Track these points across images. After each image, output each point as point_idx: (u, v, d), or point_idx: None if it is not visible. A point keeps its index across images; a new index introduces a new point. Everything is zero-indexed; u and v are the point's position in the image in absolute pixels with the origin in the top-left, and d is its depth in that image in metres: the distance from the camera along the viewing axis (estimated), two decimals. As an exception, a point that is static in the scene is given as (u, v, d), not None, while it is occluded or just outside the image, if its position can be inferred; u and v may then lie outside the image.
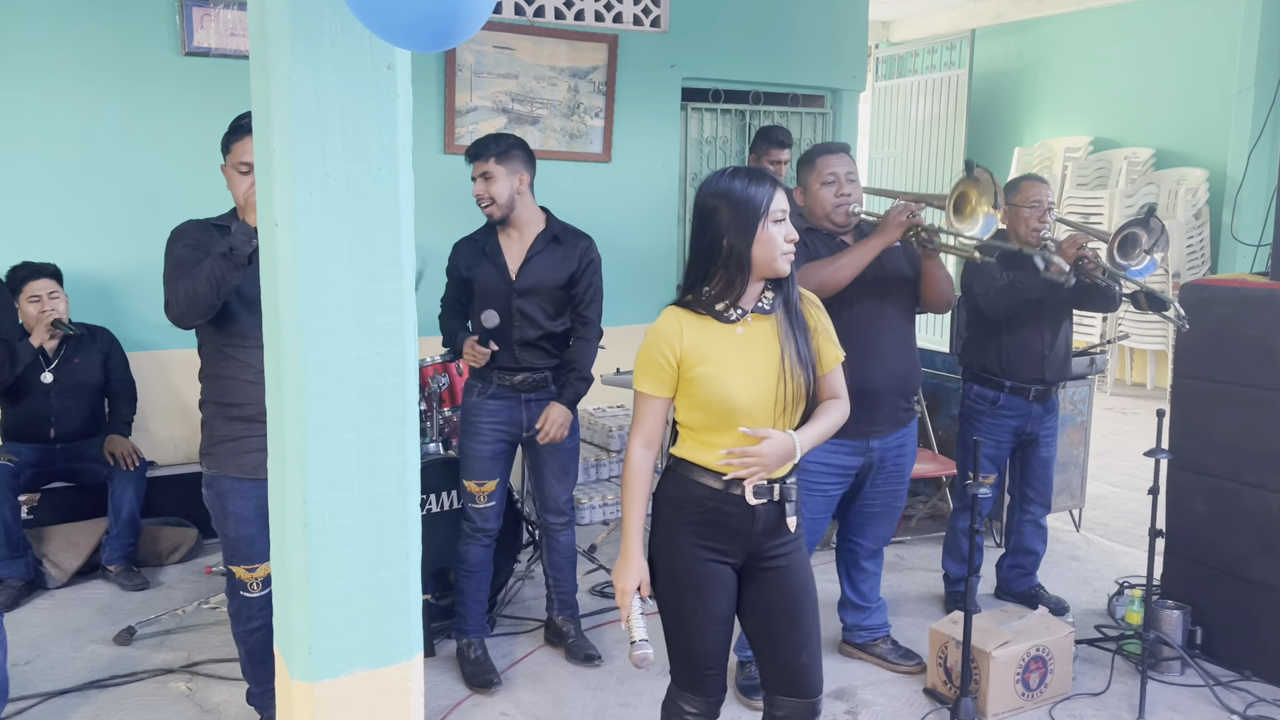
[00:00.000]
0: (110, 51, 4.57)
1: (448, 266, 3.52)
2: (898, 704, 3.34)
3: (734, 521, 2.22)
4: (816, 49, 6.29)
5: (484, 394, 3.44)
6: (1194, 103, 7.95)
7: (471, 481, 3.45)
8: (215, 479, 2.70)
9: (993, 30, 9.36)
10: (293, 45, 1.61)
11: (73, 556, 4.23)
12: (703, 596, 2.24)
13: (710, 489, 2.21)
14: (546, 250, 3.41)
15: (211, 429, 2.70)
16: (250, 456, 2.64)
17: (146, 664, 3.54)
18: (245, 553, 2.72)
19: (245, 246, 2.46)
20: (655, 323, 2.26)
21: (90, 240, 4.57)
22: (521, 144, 3.39)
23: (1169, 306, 3.34)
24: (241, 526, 2.69)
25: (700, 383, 2.18)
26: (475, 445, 3.44)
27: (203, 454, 2.72)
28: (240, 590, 2.75)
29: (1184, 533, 3.67)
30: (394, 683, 1.81)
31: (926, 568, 4.49)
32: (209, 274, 2.48)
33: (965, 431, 3.93)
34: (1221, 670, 3.49)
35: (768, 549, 2.26)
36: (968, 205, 3.18)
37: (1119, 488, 5.71)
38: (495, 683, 3.39)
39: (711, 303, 2.22)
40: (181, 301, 2.53)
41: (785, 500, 2.24)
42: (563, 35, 5.47)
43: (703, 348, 2.20)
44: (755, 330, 2.24)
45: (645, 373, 2.24)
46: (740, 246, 2.18)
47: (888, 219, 3.13)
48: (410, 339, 1.79)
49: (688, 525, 2.24)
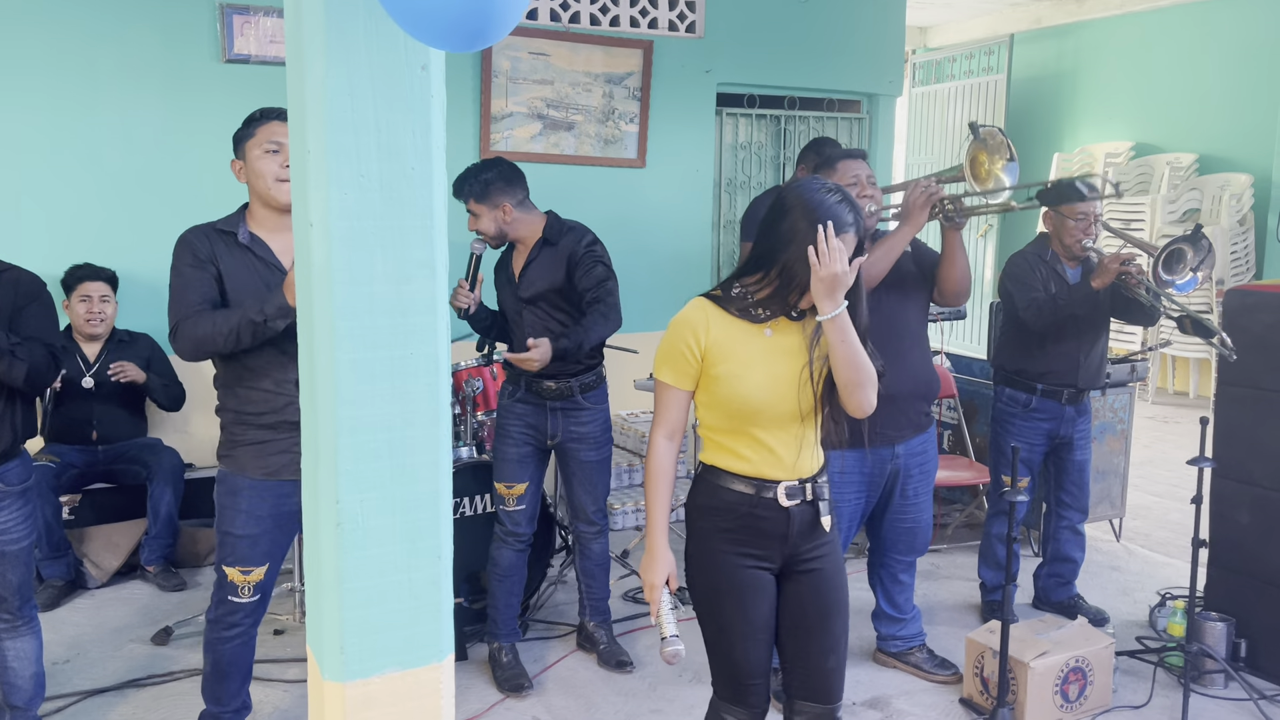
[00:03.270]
0: (153, 58, 4.64)
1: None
2: (933, 714, 3.30)
3: (769, 525, 2.19)
4: (853, 54, 6.26)
5: (513, 396, 3.47)
6: (1238, 107, 7.82)
7: (501, 483, 3.47)
8: (231, 476, 2.65)
9: (1031, 35, 9.27)
10: (327, 46, 1.62)
11: (112, 557, 4.29)
12: (742, 604, 2.21)
13: (742, 494, 2.19)
14: (541, 255, 3.41)
15: (231, 434, 2.67)
16: (273, 459, 2.62)
17: (183, 664, 3.57)
18: (245, 553, 2.64)
19: (278, 321, 2.47)
20: (682, 311, 2.21)
21: (132, 244, 4.64)
22: (496, 173, 3.34)
23: (1215, 334, 3.28)
24: (250, 525, 2.63)
25: (722, 382, 2.15)
26: (504, 447, 3.47)
27: (221, 455, 2.69)
28: (229, 594, 2.67)
29: (1227, 543, 3.59)
30: (425, 684, 1.80)
31: (962, 576, 4.44)
32: (231, 331, 2.48)
33: (998, 435, 3.89)
34: (1266, 684, 3.42)
35: (804, 551, 2.23)
36: (982, 169, 3.17)
37: (1160, 497, 5.61)
38: (526, 686, 3.39)
39: (746, 302, 2.18)
40: (192, 342, 2.53)
41: (819, 499, 2.21)
42: (598, 41, 5.49)
43: (728, 345, 2.16)
44: (783, 335, 2.20)
45: (667, 361, 2.21)
46: (785, 252, 2.12)
47: (909, 205, 3.11)
48: (443, 340, 1.78)
49: (723, 533, 2.21)
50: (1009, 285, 3.75)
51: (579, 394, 3.45)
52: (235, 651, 2.74)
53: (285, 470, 2.62)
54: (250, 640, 2.76)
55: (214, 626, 2.73)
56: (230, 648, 2.73)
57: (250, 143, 2.62)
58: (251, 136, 2.61)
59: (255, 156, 2.61)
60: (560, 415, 3.45)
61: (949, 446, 5.06)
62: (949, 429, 5.06)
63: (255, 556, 2.66)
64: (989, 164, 3.17)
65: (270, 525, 2.66)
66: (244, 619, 2.71)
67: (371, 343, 1.71)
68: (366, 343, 1.71)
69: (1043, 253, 3.77)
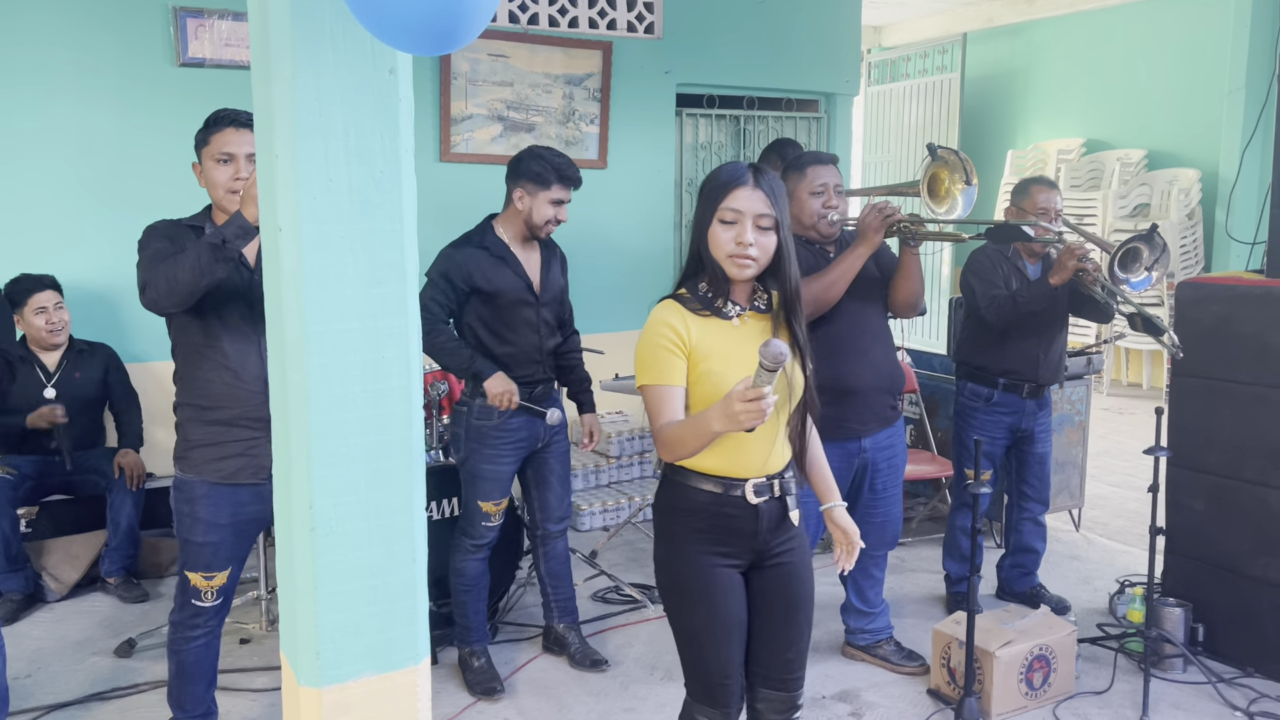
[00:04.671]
0: (106, 62, 4.57)
1: (444, 270, 3.33)
2: (901, 705, 3.34)
3: (738, 523, 2.19)
4: (810, 54, 6.31)
5: (505, 414, 3.35)
6: (1185, 104, 7.99)
7: (489, 502, 3.40)
8: (188, 483, 2.62)
9: (984, 34, 9.40)
10: (294, 50, 1.62)
11: (72, 569, 4.22)
12: (714, 606, 2.21)
13: (711, 494, 2.17)
14: (554, 261, 3.48)
15: (187, 433, 2.63)
16: (229, 462, 2.59)
17: (148, 675, 3.53)
18: (207, 560, 2.62)
19: (238, 240, 2.37)
20: (654, 313, 2.17)
21: (87, 252, 4.57)
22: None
23: (1164, 333, 3.36)
24: (210, 533, 2.61)
25: (707, 379, 2.12)
26: (499, 467, 3.39)
27: (177, 457, 2.65)
28: (193, 598, 2.66)
29: (1184, 530, 3.68)
30: (402, 687, 1.80)
31: (928, 569, 4.49)
32: (194, 262, 2.38)
33: (960, 429, 3.95)
34: (1224, 667, 3.50)
35: (774, 546, 2.24)
36: (941, 187, 3.21)
37: (1118, 487, 5.72)
38: (498, 690, 3.39)
39: (710, 299, 2.18)
40: (161, 285, 2.44)
41: (786, 495, 2.22)
42: (557, 42, 5.49)
43: (707, 342, 2.14)
44: (751, 326, 2.20)
45: (654, 363, 2.12)
46: (699, 242, 2.16)
47: (863, 227, 3.14)
48: (414, 343, 1.79)
49: (692, 533, 2.20)
50: (971, 281, 3.81)
51: (555, 392, 3.53)
52: (199, 653, 2.72)
53: (242, 474, 2.59)
54: (214, 642, 2.75)
55: (177, 629, 2.71)
56: (194, 648, 2.71)
57: (205, 150, 2.60)
58: (206, 144, 2.59)
59: (209, 165, 2.59)
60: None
61: (912, 441, 5.12)
62: (911, 424, 5.13)
63: (218, 562, 2.65)
64: (949, 183, 3.20)
65: (230, 532, 2.64)
66: (208, 621, 2.70)
67: (343, 346, 1.71)
68: (338, 347, 1.71)
69: (1004, 248, 3.83)
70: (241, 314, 2.56)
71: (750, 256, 2.10)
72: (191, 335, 2.59)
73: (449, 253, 3.37)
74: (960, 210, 3.20)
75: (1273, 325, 3.38)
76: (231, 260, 2.40)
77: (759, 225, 2.10)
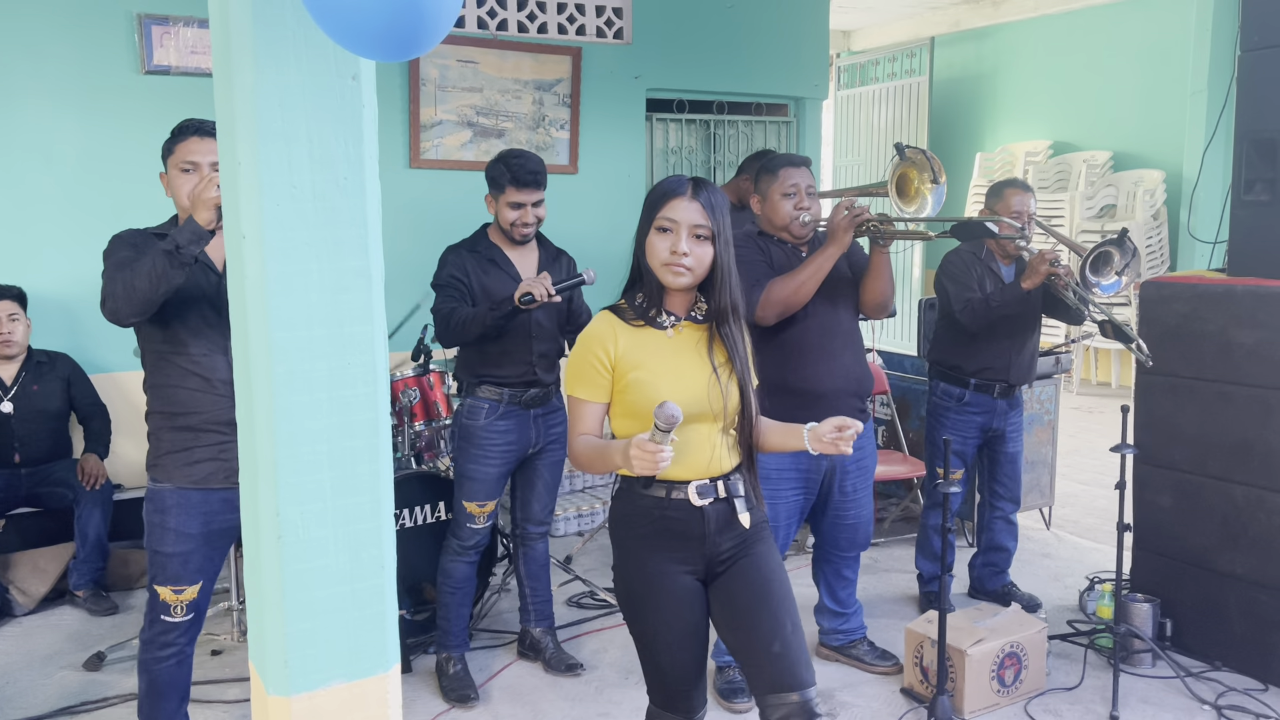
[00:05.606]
0: (70, 71, 4.53)
1: (445, 275, 3.36)
2: (875, 704, 3.36)
3: (683, 527, 2.19)
4: (779, 58, 6.35)
5: (493, 415, 3.37)
6: (1149, 106, 8.10)
7: (474, 503, 3.41)
8: (159, 493, 2.60)
9: (951, 38, 9.49)
10: (256, 56, 1.61)
11: (40, 583, 4.16)
12: (664, 612, 2.21)
13: (655, 498, 2.19)
14: (555, 265, 3.47)
15: (157, 440, 2.61)
16: (198, 467, 2.57)
17: (117, 689, 3.49)
18: (176, 572, 2.60)
19: (192, 246, 2.37)
20: (588, 326, 2.24)
21: (53, 262, 4.52)
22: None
23: (1134, 341, 3.41)
24: (180, 543, 2.59)
25: (635, 388, 2.15)
26: (484, 469, 3.39)
27: (149, 466, 2.63)
28: (162, 614, 2.62)
29: (1151, 526, 3.72)
30: (372, 694, 1.80)
31: (901, 569, 4.52)
32: (150, 269, 2.37)
33: (933, 429, 3.98)
34: (1192, 661, 3.54)
35: (725, 550, 2.23)
36: (910, 187, 3.23)
37: (1087, 485, 5.78)
38: (473, 697, 3.37)
39: (644, 309, 2.21)
40: (119, 295, 2.42)
41: (733, 497, 2.21)
42: (526, 48, 5.49)
43: (636, 353, 2.17)
44: (687, 336, 2.22)
45: (579, 377, 2.20)
46: (638, 252, 2.20)
47: (833, 228, 3.16)
48: (380, 349, 1.78)
49: (640, 540, 2.21)
50: (945, 283, 3.84)
51: (555, 398, 3.50)
52: (170, 672, 2.68)
53: (213, 479, 2.57)
54: (186, 660, 2.71)
55: (148, 647, 2.67)
56: (165, 668, 2.67)
57: (170, 159, 2.59)
58: (171, 154, 2.58)
59: (174, 175, 2.58)
60: (541, 421, 3.46)
61: (884, 442, 5.16)
62: (883, 425, 5.16)
63: (187, 575, 2.62)
64: (918, 182, 3.23)
65: (201, 542, 2.61)
66: (179, 638, 2.66)
67: (309, 354, 1.71)
68: (304, 354, 1.70)
69: (978, 250, 3.86)
70: (208, 319, 2.55)
71: (685, 266, 2.14)
72: (158, 342, 2.58)
73: (445, 255, 3.41)
74: (930, 209, 3.22)
75: (1235, 323, 3.43)
76: (188, 266, 2.39)
77: (695, 235, 2.14)
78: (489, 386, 3.38)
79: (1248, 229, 3.52)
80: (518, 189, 3.31)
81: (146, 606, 2.67)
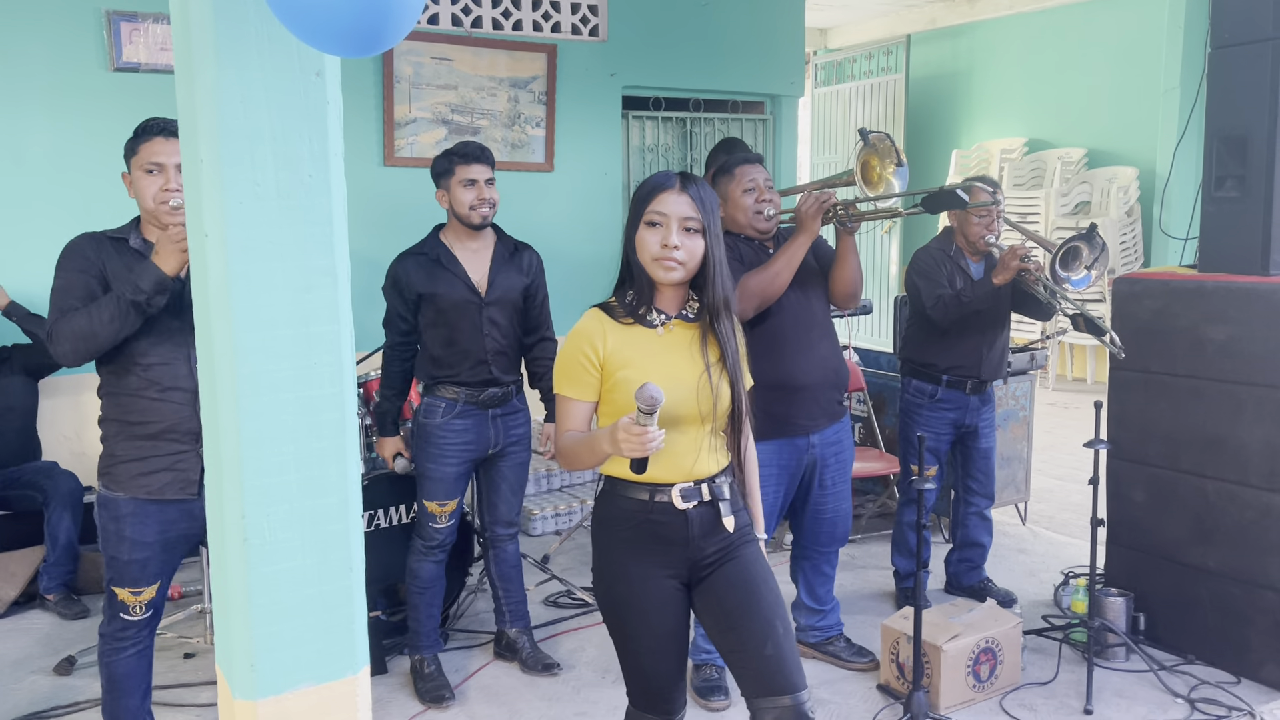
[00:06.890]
0: (37, 68, 4.47)
1: (390, 284, 3.39)
2: (852, 701, 3.36)
3: (667, 531, 2.16)
4: (755, 56, 6.35)
5: (449, 414, 3.36)
6: (1123, 103, 8.15)
7: (434, 502, 3.39)
8: (113, 500, 2.55)
9: (927, 35, 9.52)
10: (218, 53, 1.59)
11: (9, 587, 4.11)
12: (645, 615, 2.18)
13: (638, 501, 2.16)
14: (510, 262, 3.43)
15: (112, 448, 2.56)
16: (154, 478, 2.53)
17: (88, 694, 3.45)
18: (134, 576, 2.57)
19: (158, 298, 2.37)
20: (577, 324, 2.19)
21: (19, 260, 4.46)
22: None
23: (1106, 334, 3.43)
24: (137, 551, 2.55)
25: (623, 387, 2.11)
26: (441, 468, 3.38)
27: (101, 473, 2.58)
28: (120, 612, 2.60)
29: (1124, 521, 3.74)
30: (340, 697, 1.78)
31: (877, 566, 4.53)
32: (112, 318, 2.37)
33: (906, 426, 3.99)
34: (1165, 655, 3.56)
35: (709, 554, 2.20)
36: (874, 174, 3.26)
37: (1062, 480, 5.81)
38: (448, 697, 3.35)
39: (634, 307, 2.18)
40: (77, 339, 2.40)
41: (718, 500, 2.19)
42: (501, 45, 5.46)
43: (625, 351, 2.14)
44: (678, 335, 2.19)
45: (567, 375, 2.17)
46: (628, 249, 2.18)
47: (801, 215, 3.19)
48: (347, 348, 1.76)
49: (622, 543, 2.19)
50: (916, 281, 3.85)
51: (515, 398, 3.48)
52: (130, 664, 2.66)
53: (169, 490, 2.54)
54: (146, 652, 2.69)
55: (106, 640, 2.66)
56: (124, 660, 2.65)
57: (134, 160, 2.54)
58: (135, 154, 2.54)
59: (138, 176, 2.53)
60: (500, 422, 3.44)
61: (860, 438, 5.17)
62: (859, 421, 5.17)
63: (145, 578, 2.59)
64: (880, 168, 3.26)
65: (158, 550, 2.58)
66: (138, 633, 2.65)
67: (274, 354, 1.69)
68: (268, 354, 1.68)
69: (947, 248, 3.88)
70: (169, 327, 2.50)
71: (676, 259, 2.11)
72: (116, 350, 2.51)
73: (391, 266, 3.41)
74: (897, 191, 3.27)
75: (1206, 319, 3.45)
76: (153, 310, 2.40)
77: (685, 228, 2.11)
78: (447, 386, 3.37)
79: (1218, 225, 3.55)
80: (466, 163, 3.30)
81: (104, 603, 2.65)
